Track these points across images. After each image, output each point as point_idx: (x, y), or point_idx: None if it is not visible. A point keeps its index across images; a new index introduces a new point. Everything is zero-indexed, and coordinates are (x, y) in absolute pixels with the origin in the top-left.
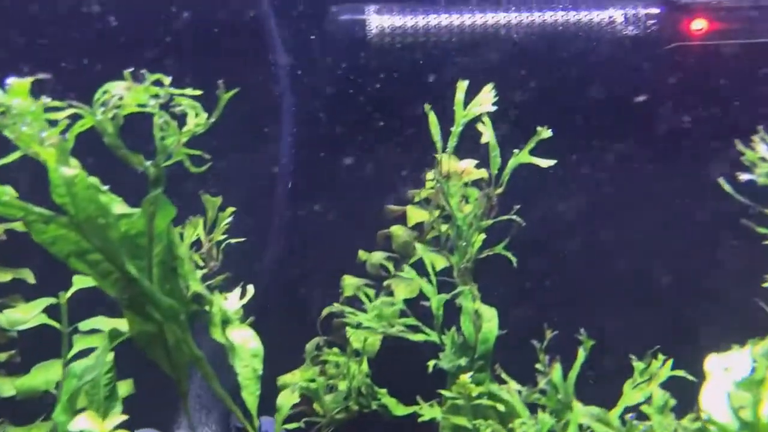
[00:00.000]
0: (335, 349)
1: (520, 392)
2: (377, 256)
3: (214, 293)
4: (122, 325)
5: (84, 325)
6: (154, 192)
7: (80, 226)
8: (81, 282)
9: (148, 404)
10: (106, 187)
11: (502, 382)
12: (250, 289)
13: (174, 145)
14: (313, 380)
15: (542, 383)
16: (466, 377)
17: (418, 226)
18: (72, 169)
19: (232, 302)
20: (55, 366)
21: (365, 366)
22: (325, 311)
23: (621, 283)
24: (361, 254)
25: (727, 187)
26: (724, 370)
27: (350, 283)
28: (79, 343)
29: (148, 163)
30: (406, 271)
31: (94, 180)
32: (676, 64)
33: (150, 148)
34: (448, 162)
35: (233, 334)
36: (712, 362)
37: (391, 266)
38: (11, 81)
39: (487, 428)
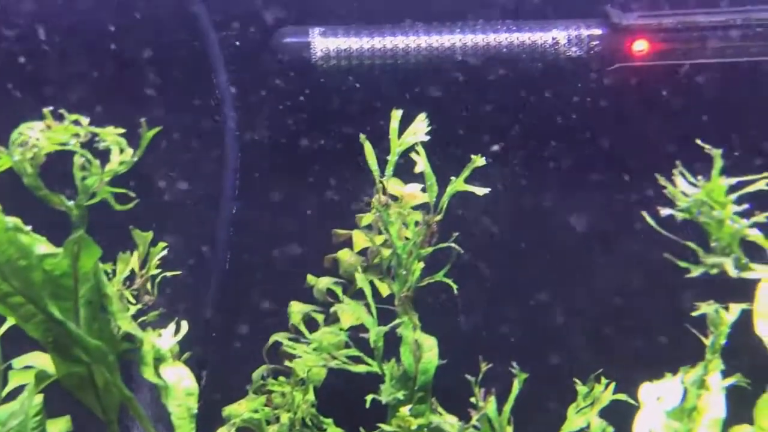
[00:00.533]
0: (281, 378)
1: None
2: (324, 282)
3: (147, 330)
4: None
5: (18, 362)
6: (77, 233)
7: (0, 270)
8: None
9: None
10: (28, 228)
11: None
12: (185, 325)
13: (96, 185)
14: (256, 411)
15: (475, 419)
16: (405, 410)
17: (365, 251)
18: None
19: (165, 339)
20: None
21: (311, 395)
22: (271, 339)
23: (555, 310)
24: (310, 279)
25: (650, 220)
26: (657, 399)
27: (297, 309)
28: (14, 380)
29: (70, 203)
30: (347, 301)
31: (14, 220)
32: (619, 84)
33: None
34: (388, 189)
35: (167, 372)
36: (646, 391)
37: (339, 291)
38: None
39: None
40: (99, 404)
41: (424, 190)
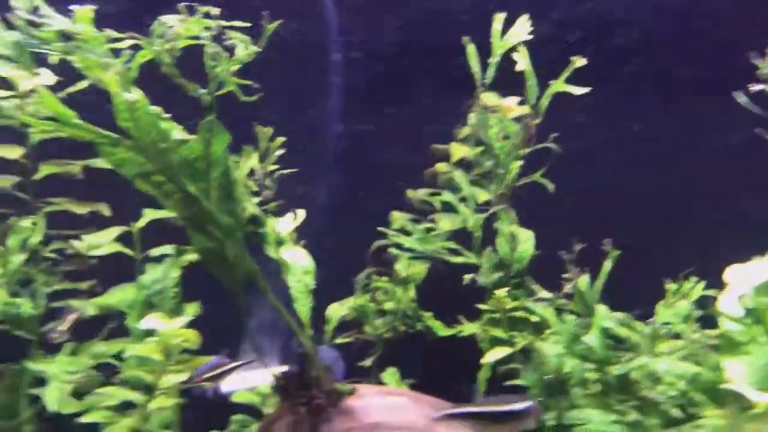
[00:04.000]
0: (384, 278)
1: (549, 299)
2: (423, 192)
3: (268, 217)
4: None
5: (154, 251)
6: (208, 118)
7: (144, 150)
8: (151, 214)
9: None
10: (167, 115)
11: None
12: (301, 214)
13: (224, 74)
14: (363, 305)
15: (567, 288)
16: (502, 292)
17: (462, 163)
18: (134, 95)
19: (284, 224)
20: (129, 288)
21: (412, 292)
22: (375, 244)
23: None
24: (408, 192)
25: (742, 99)
26: (743, 279)
27: (398, 217)
28: (150, 269)
29: (202, 90)
30: (445, 195)
31: (156, 108)
32: None
33: None
34: (486, 96)
35: (286, 252)
36: (732, 272)
37: (437, 202)
38: (75, 8)
39: (521, 339)
40: (229, 276)
41: (521, 103)
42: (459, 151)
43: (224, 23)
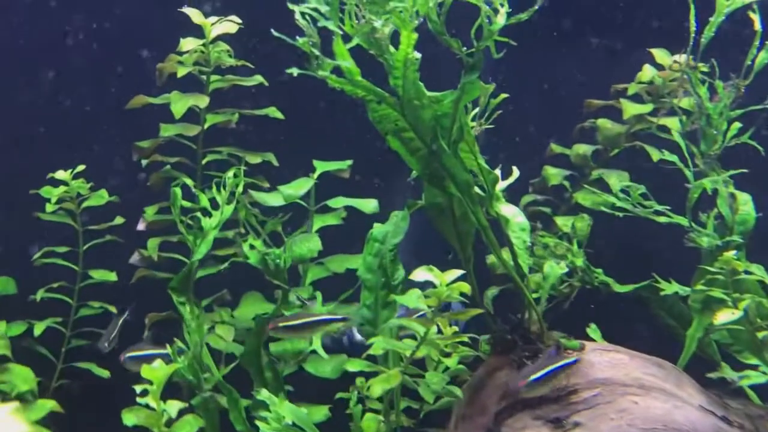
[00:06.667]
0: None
1: None
2: (583, 148)
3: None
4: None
5: (333, 202)
6: (469, 77)
7: (402, 107)
8: (322, 167)
9: None
10: None
11: None
12: (515, 171)
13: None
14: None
15: None
16: (731, 254)
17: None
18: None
19: (499, 182)
20: (313, 238)
21: (576, 247)
22: (525, 200)
23: None
24: (554, 147)
25: None
26: None
27: (553, 173)
28: (319, 221)
29: (465, 49)
30: (654, 153)
31: None
32: None
33: None
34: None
35: (503, 209)
36: None
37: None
38: None
39: (744, 301)
40: (454, 231)
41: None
42: (632, 108)
43: None
